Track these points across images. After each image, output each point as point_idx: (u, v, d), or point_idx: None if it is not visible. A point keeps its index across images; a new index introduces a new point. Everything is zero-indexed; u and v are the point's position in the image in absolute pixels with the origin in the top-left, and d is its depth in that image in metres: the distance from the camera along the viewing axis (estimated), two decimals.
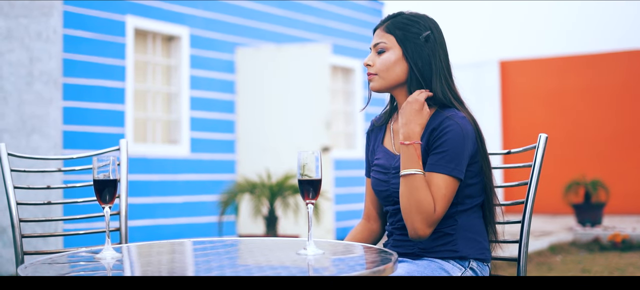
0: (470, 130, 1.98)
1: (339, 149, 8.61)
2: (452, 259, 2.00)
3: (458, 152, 1.95)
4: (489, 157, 2.07)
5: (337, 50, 8.59)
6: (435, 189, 1.94)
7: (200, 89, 7.09)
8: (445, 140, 1.95)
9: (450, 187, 1.95)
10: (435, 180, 1.95)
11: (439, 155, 1.95)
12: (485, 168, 2.03)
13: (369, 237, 2.20)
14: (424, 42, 2.02)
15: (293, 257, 1.80)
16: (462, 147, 1.95)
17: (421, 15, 2.07)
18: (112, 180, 1.83)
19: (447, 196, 1.94)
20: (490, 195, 2.06)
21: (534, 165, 2.15)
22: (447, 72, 2.04)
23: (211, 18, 7.22)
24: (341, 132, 8.82)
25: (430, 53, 2.02)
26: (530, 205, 2.14)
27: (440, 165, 1.95)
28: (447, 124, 1.97)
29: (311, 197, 1.82)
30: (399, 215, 2.06)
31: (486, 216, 2.08)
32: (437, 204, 1.93)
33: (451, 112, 1.99)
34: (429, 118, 2.02)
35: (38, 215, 5.52)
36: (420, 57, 2.02)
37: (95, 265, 1.77)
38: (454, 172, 1.95)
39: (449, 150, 1.95)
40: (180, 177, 6.80)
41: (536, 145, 2.17)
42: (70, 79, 5.97)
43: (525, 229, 2.13)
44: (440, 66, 2.03)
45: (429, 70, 2.02)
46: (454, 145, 1.95)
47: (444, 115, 1.99)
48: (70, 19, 5.97)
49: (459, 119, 1.97)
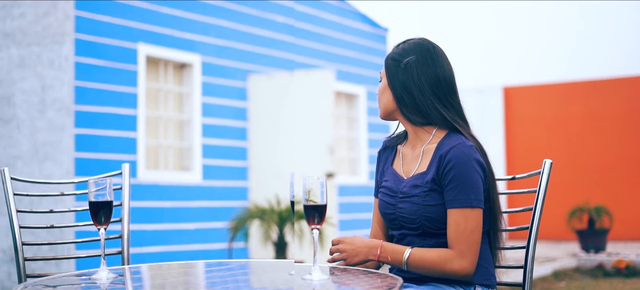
0: (478, 157, 2.01)
1: (343, 175, 8.66)
2: (457, 284, 2.02)
3: (470, 181, 1.98)
4: (496, 182, 2.09)
5: (341, 76, 8.67)
6: (454, 226, 1.98)
7: (212, 116, 7.17)
8: (455, 173, 1.98)
9: (471, 219, 1.98)
10: (454, 218, 1.98)
11: (453, 191, 1.98)
12: (493, 194, 2.05)
13: None
14: (403, 69, 2.07)
15: (298, 282, 1.80)
16: (473, 176, 1.98)
17: (414, 43, 2.11)
18: (107, 202, 1.87)
19: (470, 228, 1.97)
20: (497, 221, 2.08)
21: (538, 190, 2.16)
22: (435, 93, 2.06)
23: (223, 45, 7.31)
24: (345, 158, 8.88)
25: (407, 78, 2.06)
26: (535, 231, 2.14)
27: (457, 200, 1.98)
28: (454, 154, 1.99)
29: (316, 223, 1.83)
30: (405, 241, 2.08)
31: (492, 242, 2.10)
32: (459, 241, 1.96)
33: (459, 140, 2.02)
34: (438, 142, 2.06)
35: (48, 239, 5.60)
36: (398, 84, 2.08)
37: (88, 285, 1.81)
38: (473, 203, 1.98)
39: (461, 182, 1.97)
40: (193, 204, 6.84)
41: (541, 170, 2.18)
42: (82, 107, 6.05)
43: (530, 254, 2.14)
44: (424, 89, 2.06)
45: (409, 95, 2.06)
46: (464, 175, 1.97)
47: (450, 143, 2.02)
48: (82, 47, 6.05)
49: (466, 148, 1.99)
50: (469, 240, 1.96)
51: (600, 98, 10.69)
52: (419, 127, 2.10)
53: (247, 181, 7.39)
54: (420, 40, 2.12)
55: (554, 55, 11.87)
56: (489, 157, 2.09)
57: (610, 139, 10.58)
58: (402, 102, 2.08)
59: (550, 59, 11.89)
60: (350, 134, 8.97)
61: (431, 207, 2.01)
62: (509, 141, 11.29)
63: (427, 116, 2.06)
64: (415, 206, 2.04)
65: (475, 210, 1.98)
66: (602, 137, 10.63)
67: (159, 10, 6.72)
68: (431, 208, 2.01)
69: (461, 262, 1.97)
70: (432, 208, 2.01)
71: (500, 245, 2.12)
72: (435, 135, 2.08)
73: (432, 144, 2.08)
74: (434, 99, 2.06)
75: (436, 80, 2.07)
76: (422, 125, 2.09)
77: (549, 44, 11.95)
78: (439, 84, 2.07)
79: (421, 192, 2.03)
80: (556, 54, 11.85)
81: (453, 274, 1.98)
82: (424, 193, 2.03)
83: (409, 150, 2.14)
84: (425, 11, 12.45)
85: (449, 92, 2.08)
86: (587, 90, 10.80)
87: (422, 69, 2.07)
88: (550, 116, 11.01)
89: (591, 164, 10.63)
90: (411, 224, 2.06)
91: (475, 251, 1.97)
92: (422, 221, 2.03)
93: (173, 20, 6.85)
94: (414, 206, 2.04)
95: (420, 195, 2.03)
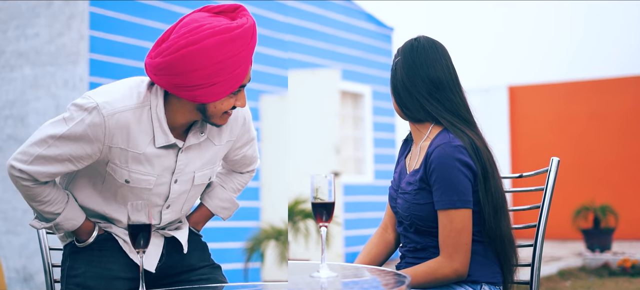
0: (462, 157, 1.97)
1: (349, 174, 8.67)
2: (464, 283, 2.03)
3: (453, 181, 1.96)
4: (495, 181, 2.03)
5: (347, 75, 8.68)
6: (441, 229, 1.98)
7: None
8: (438, 175, 1.97)
9: (456, 220, 1.96)
10: (441, 220, 1.98)
11: (438, 192, 1.98)
12: (486, 193, 2.01)
13: (383, 250, 2.23)
14: (394, 70, 2.13)
15: (306, 279, 1.80)
16: (456, 176, 1.96)
17: (407, 42, 2.15)
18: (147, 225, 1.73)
19: (455, 230, 1.96)
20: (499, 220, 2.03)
21: (546, 188, 2.16)
22: (420, 91, 2.08)
23: None
24: (351, 158, 8.89)
25: (395, 78, 2.12)
26: (542, 229, 2.15)
27: (441, 201, 1.97)
28: (436, 155, 1.98)
29: (324, 220, 1.83)
30: (407, 239, 2.10)
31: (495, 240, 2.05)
32: (446, 244, 1.96)
33: (446, 139, 2.01)
34: (431, 139, 2.06)
35: None
36: (392, 84, 2.14)
37: None
38: (456, 204, 1.96)
39: (444, 184, 1.96)
40: (207, 224, 6.82)
41: (548, 169, 2.19)
42: None
43: (537, 252, 2.14)
44: (410, 87, 2.08)
45: (397, 95, 2.12)
46: (446, 175, 1.96)
47: (437, 142, 2.01)
48: (96, 67, 6.02)
49: (450, 148, 1.97)
50: (455, 242, 1.96)
51: (606, 97, 10.68)
52: (417, 124, 2.12)
53: (260, 202, 7.38)
54: (414, 39, 2.14)
55: (558, 54, 11.86)
56: (491, 155, 2.05)
57: (616, 137, 10.56)
58: (397, 101, 2.13)
59: (555, 58, 11.87)
60: (356, 133, 8.98)
61: (420, 205, 2.02)
62: (514, 140, 11.28)
63: (416, 114, 2.09)
64: (407, 203, 2.06)
65: (460, 211, 1.97)
66: (608, 136, 10.62)
67: None
68: (420, 206, 2.02)
69: (450, 264, 1.96)
70: (421, 206, 2.02)
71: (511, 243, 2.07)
72: (431, 132, 2.09)
73: (427, 140, 2.09)
74: (419, 96, 2.07)
75: (422, 78, 2.08)
76: (416, 122, 2.12)
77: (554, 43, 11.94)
78: (425, 81, 2.07)
79: (412, 190, 2.05)
80: (561, 53, 11.83)
81: (446, 279, 1.98)
82: (415, 191, 2.04)
83: (414, 147, 2.16)
84: (431, 10, 12.45)
85: (438, 89, 2.07)
86: (592, 89, 10.78)
87: (408, 68, 2.10)
88: (555, 115, 11.00)
89: (596, 163, 10.61)
90: (405, 220, 2.09)
91: (464, 251, 1.97)
92: (413, 219, 2.05)
93: None
94: (405, 203, 2.06)
95: (411, 193, 2.05)
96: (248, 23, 1.86)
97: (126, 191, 1.98)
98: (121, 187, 1.97)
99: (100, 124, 1.86)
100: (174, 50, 1.82)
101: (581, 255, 7.96)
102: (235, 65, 1.84)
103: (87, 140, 1.88)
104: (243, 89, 1.92)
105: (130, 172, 1.94)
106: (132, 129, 1.89)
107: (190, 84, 1.83)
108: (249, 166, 2.27)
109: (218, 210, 2.28)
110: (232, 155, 2.18)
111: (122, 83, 1.96)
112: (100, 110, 1.86)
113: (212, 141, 2.04)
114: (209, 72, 1.82)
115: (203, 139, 2.00)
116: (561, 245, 9.54)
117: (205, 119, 1.93)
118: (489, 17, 12.26)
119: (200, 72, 1.81)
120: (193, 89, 1.84)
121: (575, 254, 8.18)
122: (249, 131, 2.15)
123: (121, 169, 1.94)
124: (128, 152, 1.91)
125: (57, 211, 1.99)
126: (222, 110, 1.91)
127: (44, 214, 2.00)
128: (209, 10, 1.91)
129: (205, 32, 1.81)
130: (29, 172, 1.89)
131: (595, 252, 8.13)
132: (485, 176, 2.01)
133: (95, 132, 1.87)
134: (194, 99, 1.86)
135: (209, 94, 1.85)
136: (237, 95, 1.92)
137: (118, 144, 1.89)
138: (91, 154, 1.90)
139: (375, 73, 9.13)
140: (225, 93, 1.87)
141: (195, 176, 2.04)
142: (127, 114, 1.88)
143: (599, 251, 8.15)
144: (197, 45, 1.80)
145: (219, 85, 1.84)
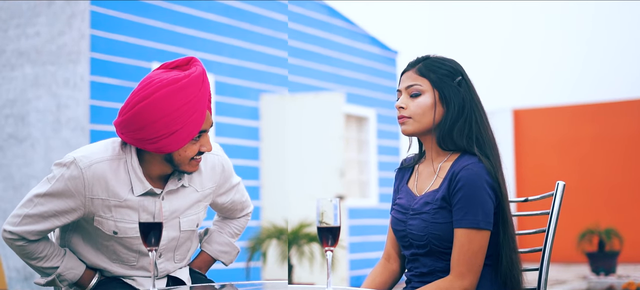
0: (489, 179, 1.98)
1: (353, 198, 8.68)
2: None
3: (480, 201, 1.95)
4: (509, 206, 2.05)
5: (351, 99, 8.73)
6: (458, 247, 1.96)
7: (224, 136, 7.22)
8: (464, 193, 1.96)
9: (475, 241, 1.96)
10: (459, 238, 1.96)
11: (461, 210, 1.96)
12: (505, 217, 2.02)
13: (388, 278, 2.21)
14: (457, 86, 2.05)
15: None
16: (483, 196, 1.96)
17: (450, 59, 2.09)
18: (158, 224, 1.80)
19: (472, 251, 1.95)
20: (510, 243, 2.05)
21: (551, 212, 2.17)
22: (478, 115, 2.06)
23: (236, 65, 7.38)
24: (355, 181, 8.91)
25: (464, 97, 2.05)
26: (548, 253, 2.15)
27: (465, 220, 1.96)
28: (465, 174, 1.97)
29: (330, 245, 1.84)
30: (417, 262, 2.09)
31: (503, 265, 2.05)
32: (459, 263, 1.95)
33: (471, 161, 2.00)
34: (454, 160, 2.05)
35: None
36: (456, 102, 2.03)
37: None
38: (480, 224, 1.96)
39: (470, 202, 1.95)
40: (206, 224, 6.86)
41: (554, 192, 2.19)
42: (97, 126, 6.09)
43: (543, 277, 2.15)
44: (473, 110, 2.05)
45: (461, 114, 2.04)
46: (473, 195, 1.95)
47: (462, 164, 2.00)
48: (97, 66, 6.10)
49: (477, 168, 1.98)
50: (469, 262, 1.96)
51: (610, 120, 10.70)
52: (443, 148, 2.08)
53: (260, 201, 7.42)
54: (448, 57, 2.11)
55: (563, 77, 11.90)
56: (503, 181, 2.05)
57: (620, 160, 10.57)
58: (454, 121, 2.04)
59: (560, 81, 11.91)
60: (361, 156, 9.00)
61: (440, 225, 2.01)
62: (518, 163, 11.29)
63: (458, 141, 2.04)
64: (424, 223, 2.03)
65: (481, 232, 1.97)
66: (612, 159, 10.62)
67: (173, 29, 6.79)
68: (440, 226, 2.01)
69: (461, 284, 1.96)
70: (440, 226, 2.00)
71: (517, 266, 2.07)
72: (452, 153, 2.07)
73: (448, 161, 2.07)
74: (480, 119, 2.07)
75: (480, 102, 2.10)
76: (447, 149, 2.07)
77: (558, 67, 11.98)
78: (482, 105, 2.10)
79: (431, 210, 2.02)
80: (566, 76, 11.87)
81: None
82: (434, 210, 2.02)
83: (425, 168, 2.13)
84: (435, 34, 12.52)
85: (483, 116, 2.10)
86: (596, 113, 10.81)
87: (473, 90, 2.09)
88: (559, 138, 11.02)
89: (601, 186, 10.61)
90: (419, 241, 2.05)
91: (476, 272, 1.97)
92: (430, 239, 2.02)
93: (187, 40, 6.92)
94: (423, 223, 2.03)
95: (430, 213, 2.02)
96: (196, 72, 2.01)
97: (117, 246, 2.08)
98: (110, 241, 2.07)
99: (78, 177, 1.98)
100: (130, 107, 1.96)
101: (586, 279, 7.94)
102: (190, 112, 1.96)
103: (68, 195, 1.99)
104: (206, 133, 2.04)
105: (116, 222, 2.04)
106: (109, 178, 2.00)
107: (151, 136, 1.96)
108: (241, 211, 2.41)
109: (218, 254, 2.40)
110: (220, 203, 2.30)
111: (98, 142, 2.10)
112: (77, 163, 1.99)
113: (194, 187, 2.15)
114: (165, 122, 1.94)
115: (180, 185, 2.11)
116: (566, 268, 9.52)
117: (175, 168, 2.05)
118: (493, 40, 12.33)
119: (157, 123, 1.94)
120: (155, 141, 1.96)
121: (580, 278, 8.16)
122: (230, 178, 2.27)
123: (107, 220, 2.03)
124: (110, 200, 2.01)
125: (56, 265, 2.08)
126: (188, 157, 2.02)
127: (44, 270, 2.09)
128: (165, 66, 2.06)
129: (155, 86, 1.94)
130: (19, 232, 2.01)
131: (600, 276, 8.11)
132: (503, 201, 2.02)
133: (75, 185, 1.98)
134: (159, 150, 1.98)
135: (170, 143, 1.96)
136: (200, 140, 2.03)
137: (98, 194, 2.00)
138: (75, 208, 2.01)
139: (380, 96, 9.17)
140: (186, 140, 1.98)
141: (180, 222, 2.13)
142: (103, 165, 1.99)
143: (604, 274, 8.13)
144: (149, 98, 1.93)
145: (178, 133, 1.95)
